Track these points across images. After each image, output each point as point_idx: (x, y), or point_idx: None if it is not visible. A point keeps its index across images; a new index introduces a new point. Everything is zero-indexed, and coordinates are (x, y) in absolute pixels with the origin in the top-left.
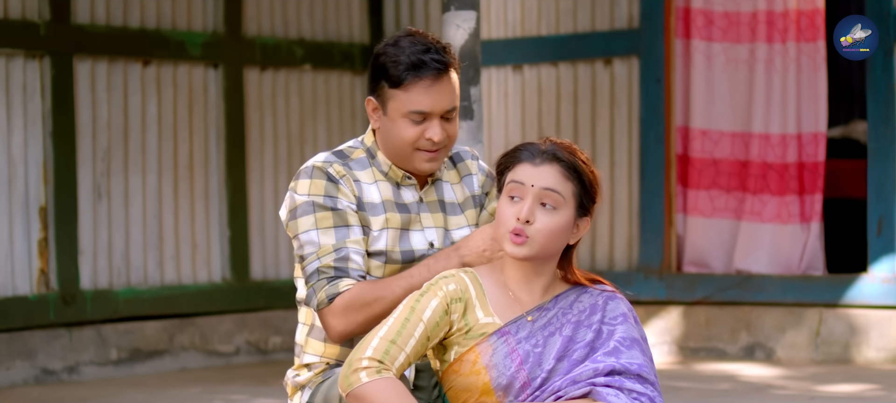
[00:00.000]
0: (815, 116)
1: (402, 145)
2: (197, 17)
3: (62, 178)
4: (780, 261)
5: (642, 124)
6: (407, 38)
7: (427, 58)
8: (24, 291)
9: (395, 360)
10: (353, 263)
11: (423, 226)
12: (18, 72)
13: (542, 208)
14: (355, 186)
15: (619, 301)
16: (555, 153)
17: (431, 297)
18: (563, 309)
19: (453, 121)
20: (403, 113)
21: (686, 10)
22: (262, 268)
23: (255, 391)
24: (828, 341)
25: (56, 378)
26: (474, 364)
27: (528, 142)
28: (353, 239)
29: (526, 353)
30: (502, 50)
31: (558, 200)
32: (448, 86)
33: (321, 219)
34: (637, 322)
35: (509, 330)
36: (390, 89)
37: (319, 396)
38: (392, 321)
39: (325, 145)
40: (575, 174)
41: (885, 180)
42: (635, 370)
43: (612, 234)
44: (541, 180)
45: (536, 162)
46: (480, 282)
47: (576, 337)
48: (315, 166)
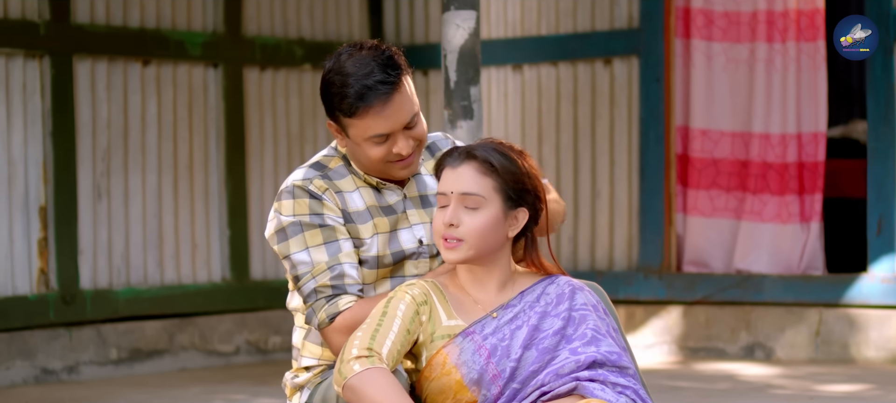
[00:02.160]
0: (815, 116)
1: (372, 163)
2: (197, 16)
3: (62, 178)
4: (780, 261)
5: (642, 124)
6: (350, 60)
7: (372, 81)
8: (24, 291)
9: (383, 345)
10: (350, 278)
11: (411, 224)
12: (18, 72)
13: (466, 210)
14: (338, 198)
15: (586, 292)
16: (470, 151)
17: (399, 300)
18: (529, 302)
19: (417, 126)
20: (364, 138)
21: (686, 9)
22: (262, 268)
23: (255, 391)
24: (827, 341)
25: (56, 378)
26: (444, 365)
27: (454, 148)
28: (345, 253)
29: (493, 346)
30: (502, 50)
31: (478, 200)
32: (401, 101)
33: (311, 237)
34: (606, 313)
35: (474, 330)
36: (345, 119)
37: (318, 396)
38: (368, 320)
39: (325, 145)
40: (491, 169)
41: (885, 180)
42: (615, 360)
43: (612, 234)
44: (458, 185)
45: (454, 164)
46: (441, 289)
47: (542, 326)
48: (296, 185)
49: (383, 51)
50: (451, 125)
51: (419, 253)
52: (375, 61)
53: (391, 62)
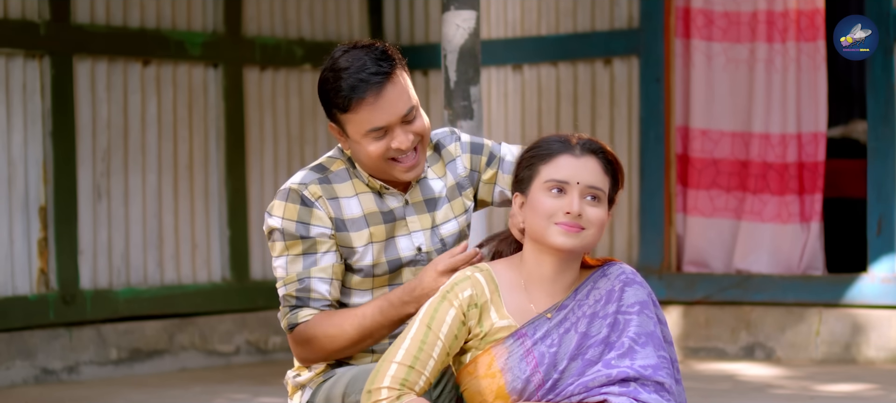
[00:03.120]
0: (815, 116)
1: (374, 161)
2: (197, 16)
3: (62, 178)
4: (780, 261)
5: (642, 124)
6: (343, 56)
7: (364, 74)
8: (24, 291)
9: (415, 385)
10: (315, 293)
11: (410, 230)
12: (18, 72)
13: (588, 201)
14: (332, 206)
15: (637, 286)
16: (591, 146)
17: (448, 307)
18: (579, 301)
19: (417, 119)
20: (362, 133)
21: (686, 9)
22: (262, 268)
23: (255, 390)
24: (828, 341)
25: (56, 378)
26: (490, 366)
27: (555, 135)
28: (319, 267)
29: (541, 355)
30: (502, 50)
31: (600, 195)
32: (396, 91)
33: (290, 246)
34: (656, 304)
35: (526, 332)
36: (342, 115)
37: (320, 396)
38: (408, 342)
39: (325, 145)
40: (610, 169)
41: (885, 180)
42: (650, 375)
43: (612, 234)
44: (584, 176)
45: (577, 153)
46: (496, 282)
47: (590, 333)
48: (291, 189)
49: (377, 46)
50: (451, 125)
51: (418, 261)
52: (368, 56)
53: (384, 55)
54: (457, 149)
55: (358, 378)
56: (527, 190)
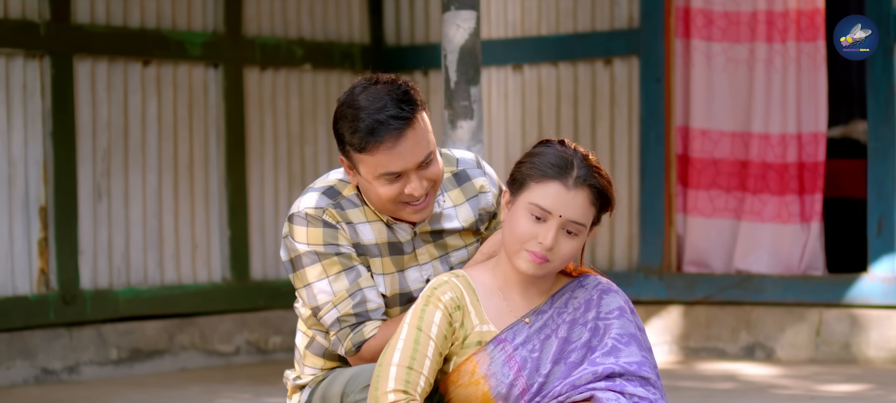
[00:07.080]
0: (815, 116)
1: (384, 202)
2: (197, 16)
3: (62, 178)
4: (780, 261)
5: (642, 124)
6: (364, 93)
7: (384, 116)
8: (24, 291)
9: (418, 387)
10: (372, 302)
11: (420, 263)
12: (18, 72)
13: (565, 235)
14: (349, 230)
15: (614, 294)
16: (588, 180)
17: (434, 310)
18: (558, 308)
19: (432, 165)
20: (375, 175)
21: (686, 9)
22: (262, 268)
23: (256, 390)
24: (828, 341)
25: (56, 378)
26: (473, 374)
27: (557, 153)
28: (364, 278)
29: (523, 360)
30: (502, 50)
31: (580, 229)
32: (415, 138)
33: (328, 266)
34: (634, 313)
35: (506, 337)
36: (356, 154)
37: (318, 395)
38: (402, 344)
39: (325, 145)
40: (599, 199)
41: (885, 180)
42: (635, 370)
43: (612, 234)
44: (568, 211)
45: (569, 185)
46: (473, 287)
47: (571, 338)
48: (309, 214)
49: (399, 85)
50: (452, 125)
51: None
52: (390, 96)
53: (406, 97)
54: (484, 183)
55: (355, 377)
56: (515, 194)
